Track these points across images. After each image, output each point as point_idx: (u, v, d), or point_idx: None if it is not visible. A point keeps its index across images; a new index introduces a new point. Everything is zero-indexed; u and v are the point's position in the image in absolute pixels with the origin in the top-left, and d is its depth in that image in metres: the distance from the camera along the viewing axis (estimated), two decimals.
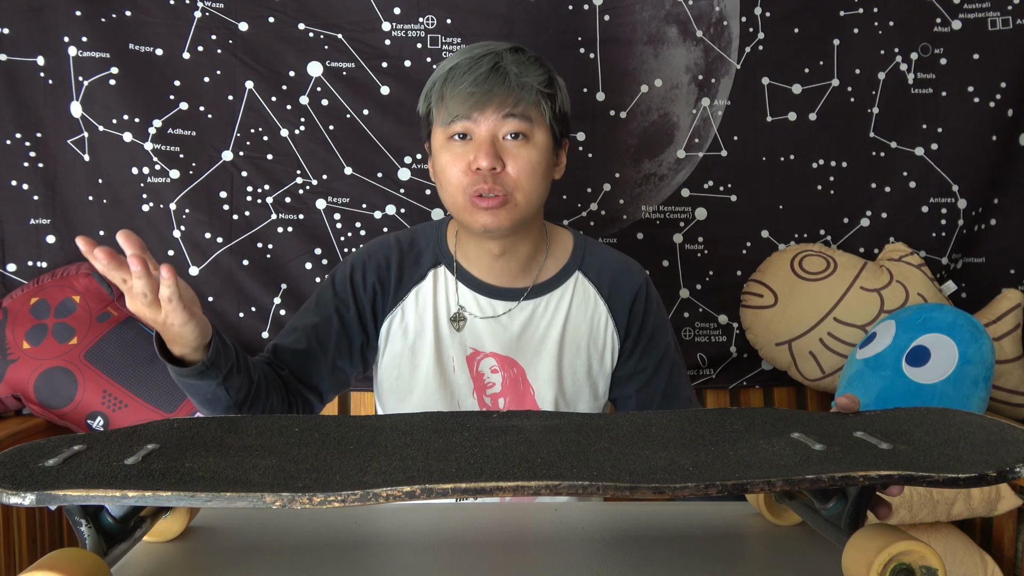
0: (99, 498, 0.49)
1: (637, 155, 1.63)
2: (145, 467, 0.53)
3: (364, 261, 1.05)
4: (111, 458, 0.55)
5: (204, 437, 0.61)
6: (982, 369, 1.33)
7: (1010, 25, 1.64)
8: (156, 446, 0.57)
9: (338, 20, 1.55)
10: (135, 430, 0.62)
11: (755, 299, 1.61)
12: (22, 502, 0.49)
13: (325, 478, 0.52)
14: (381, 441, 0.60)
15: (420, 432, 0.62)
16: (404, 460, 0.56)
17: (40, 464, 0.53)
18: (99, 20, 1.48)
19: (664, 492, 0.51)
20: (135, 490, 0.49)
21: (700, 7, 1.62)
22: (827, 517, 0.61)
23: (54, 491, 0.49)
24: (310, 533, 0.68)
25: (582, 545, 0.66)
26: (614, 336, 1.06)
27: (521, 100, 0.93)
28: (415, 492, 0.50)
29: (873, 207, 1.67)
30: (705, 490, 0.51)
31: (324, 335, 1.02)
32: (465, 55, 0.96)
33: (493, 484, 0.50)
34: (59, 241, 1.51)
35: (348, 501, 0.50)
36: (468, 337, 1.04)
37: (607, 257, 1.09)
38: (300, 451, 0.58)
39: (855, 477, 0.51)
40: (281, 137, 1.55)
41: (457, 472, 0.53)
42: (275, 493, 0.49)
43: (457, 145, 0.95)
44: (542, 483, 0.51)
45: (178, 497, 0.49)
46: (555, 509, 0.76)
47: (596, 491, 0.50)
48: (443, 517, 0.74)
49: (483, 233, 0.97)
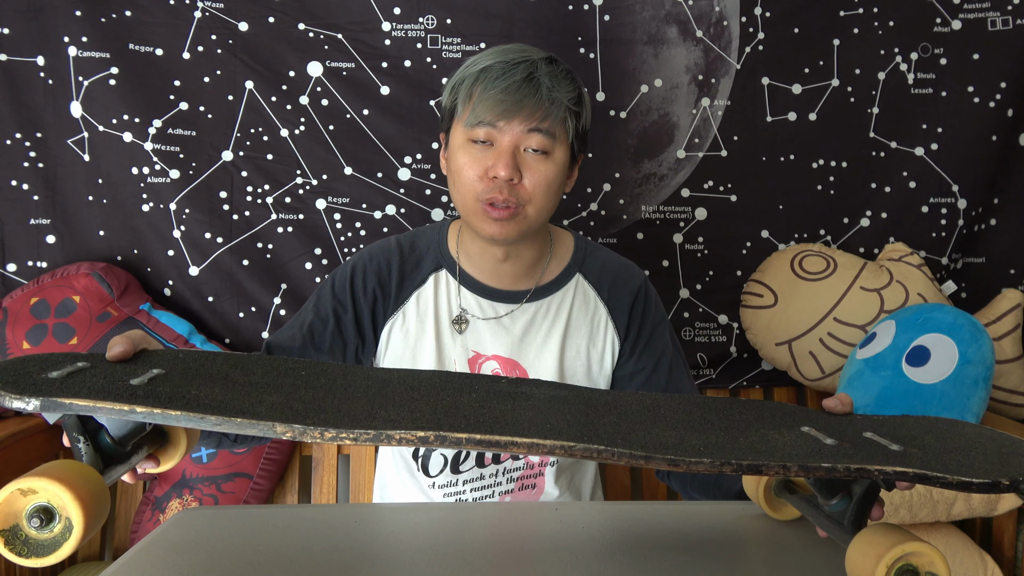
0: (106, 410, 0.47)
1: (637, 155, 1.63)
2: (151, 389, 0.51)
3: (365, 264, 1.04)
4: (116, 378, 0.53)
5: (210, 370, 0.59)
6: (982, 369, 1.33)
7: (1010, 25, 1.64)
8: (161, 371, 0.56)
9: (338, 20, 1.55)
10: (138, 356, 0.60)
11: (755, 299, 1.61)
12: (25, 407, 0.47)
13: (334, 419, 0.51)
14: (389, 393, 0.59)
15: (428, 389, 0.60)
16: (412, 412, 0.54)
17: (43, 375, 0.51)
18: (99, 20, 1.48)
19: (679, 465, 0.50)
20: (143, 406, 0.48)
21: (700, 7, 1.62)
22: (829, 513, 0.61)
23: (60, 399, 0.47)
24: (310, 533, 0.68)
25: (582, 545, 0.66)
26: (614, 338, 1.06)
27: (549, 115, 0.92)
28: (429, 438, 0.49)
29: (873, 207, 1.67)
30: (720, 467, 0.50)
31: (319, 335, 1.02)
32: (500, 57, 0.94)
33: (508, 438, 0.49)
34: (59, 241, 1.51)
35: (360, 439, 0.48)
36: (470, 340, 1.04)
37: (607, 260, 1.09)
38: (307, 392, 0.57)
39: (870, 470, 0.51)
40: (281, 137, 1.55)
41: (467, 428, 0.51)
42: (286, 424, 0.48)
43: (477, 149, 0.94)
44: (557, 443, 0.49)
45: (187, 417, 0.48)
46: (555, 509, 0.76)
47: (611, 456, 0.49)
48: (443, 517, 0.74)
49: (490, 241, 0.97)
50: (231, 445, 0.92)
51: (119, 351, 0.59)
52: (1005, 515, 1.42)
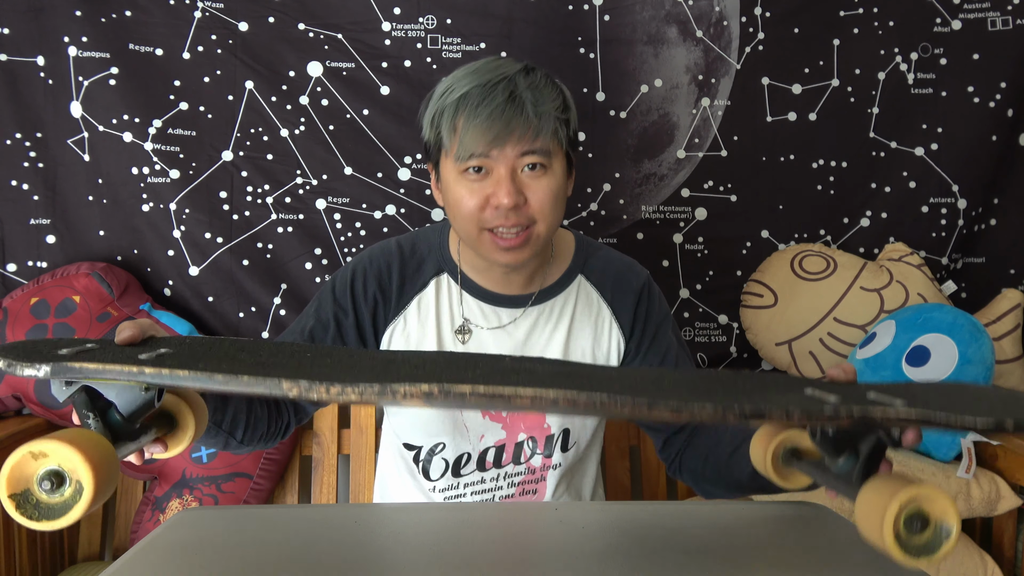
0: (114, 372, 0.48)
1: (637, 155, 1.63)
2: (159, 359, 0.52)
3: (365, 268, 1.03)
4: (125, 353, 0.54)
5: (217, 352, 0.60)
6: (982, 369, 1.33)
7: (1010, 25, 1.64)
8: (169, 350, 0.57)
9: (338, 20, 1.55)
10: (146, 340, 0.61)
11: (755, 299, 1.61)
12: (36, 373, 0.48)
13: (339, 379, 0.51)
14: (394, 370, 0.59)
15: (432, 367, 0.60)
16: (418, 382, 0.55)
17: (54, 351, 0.52)
18: (99, 20, 1.48)
19: (682, 412, 0.50)
20: (152, 368, 0.48)
21: (700, 7, 1.62)
22: (837, 473, 0.61)
23: (69, 363, 0.48)
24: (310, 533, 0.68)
25: (582, 545, 0.66)
26: (619, 339, 1.05)
27: (540, 132, 0.89)
28: (433, 392, 0.49)
29: (873, 207, 1.67)
30: (723, 414, 0.50)
31: (320, 340, 1.01)
32: (475, 80, 0.90)
33: (512, 389, 0.49)
34: (59, 241, 1.51)
35: (366, 394, 0.48)
36: (472, 348, 1.02)
37: (608, 259, 1.08)
38: (312, 369, 0.57)
39: (874, 416, 0.50)
40: (281, 137, 1.55)
41: (474, 379, 0.51)
42: (292, 380, 0.48)
43: (473, 179, 0.91)
44: (561, 391, 0.49)
45: (195, 377, 0.48)
46: (555, 509, 0.76)
47: (615, 405, 0.49)
48: (443, 517, 0.74)
49: (502, 268, 0.96)
50: (237, 446, 0.91)
51: (128, 335, 0.59)
52: (1005, 515, 1.42)
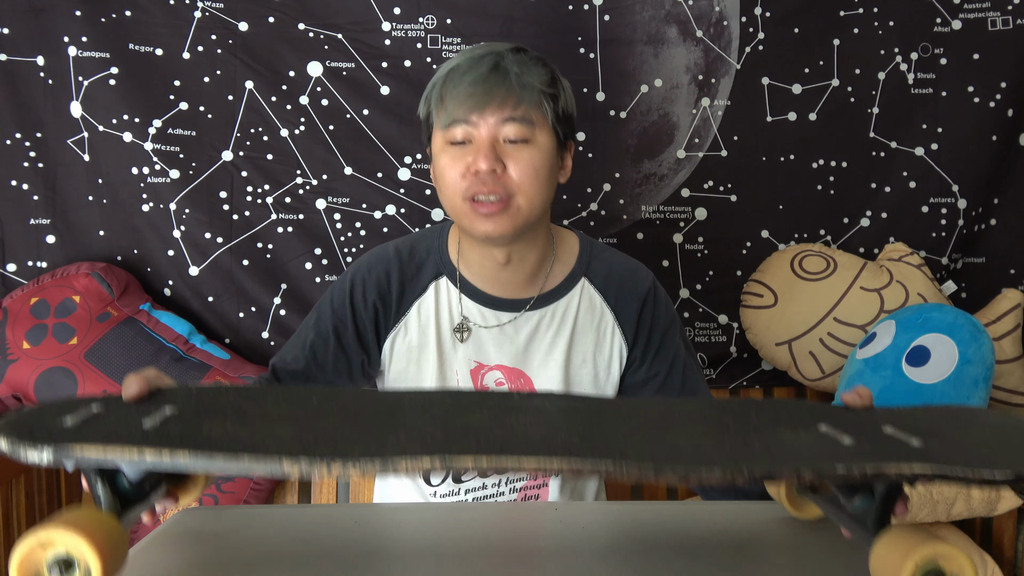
0: (116, 458, 0.48)
1: (637, 155, 1.63)
2: (163, 430, 0.52)
3: (364, 277, 1.02)
4: (129, 420, 0.54)
5: (222, 404, 0.60)
6: (982, 369, 1.33)
7: (1010, 25, 1.64)
8: (174, 410, 0.57)
9: (338, 20, 1.55)
10: (153, 395, 0.61)
11: (755, 299, 1.61)
12: (39, 460, 0.48)
13: (344, 449, 0.51)
14: (400, 415, 0.59)
15: (439, 409, 0.61)
16: (423, 435, 0.55)
17: (58, 422, 0.52)
18: (99, 20, 1.48)
19: (689, 478, 0.49)
20: (153, 451, 0.48)
21: (700, 7, 1.62)
22: (852, 513, 0.59)
23: (71, 444, 0.49)
24: (310, 533, 0.68)
25: (582, 545, 0.66)
26: (621, 345, 1.04)
27: (522, 101, 0.90)
28: (435, 464, 0.49)
29: (873, 207, 1.67)
30: (732, 477, 0.49)
31: (322, 354, 1.00)
32: (465, 56, 0.94)
33: (514, 459, 0.49)
34: (59, 241, 1.51)
35: (367, 471, 0.49)
36: (472, 350, 1.01)
37: (613, 263, 1.06)
38: (318, 422, 0.58)
39: (887, 472, 0.49)
40: (281, 137, 1.55)
41: (477, 449, 0.51)
42: (293, 460, 0.48)
43: (457, 149, 0.93)
44: (564, 461, 0.49)
45: (195, 461, 0.48)
46: (555, 509, 0.76)
47: (620, 474, 0.48)
48: (443, 517, 0.74)
49: (485, 240, 0.95)
50: None
51: (134, 391, 0.60)
52: (1005, 515, 1.42)
